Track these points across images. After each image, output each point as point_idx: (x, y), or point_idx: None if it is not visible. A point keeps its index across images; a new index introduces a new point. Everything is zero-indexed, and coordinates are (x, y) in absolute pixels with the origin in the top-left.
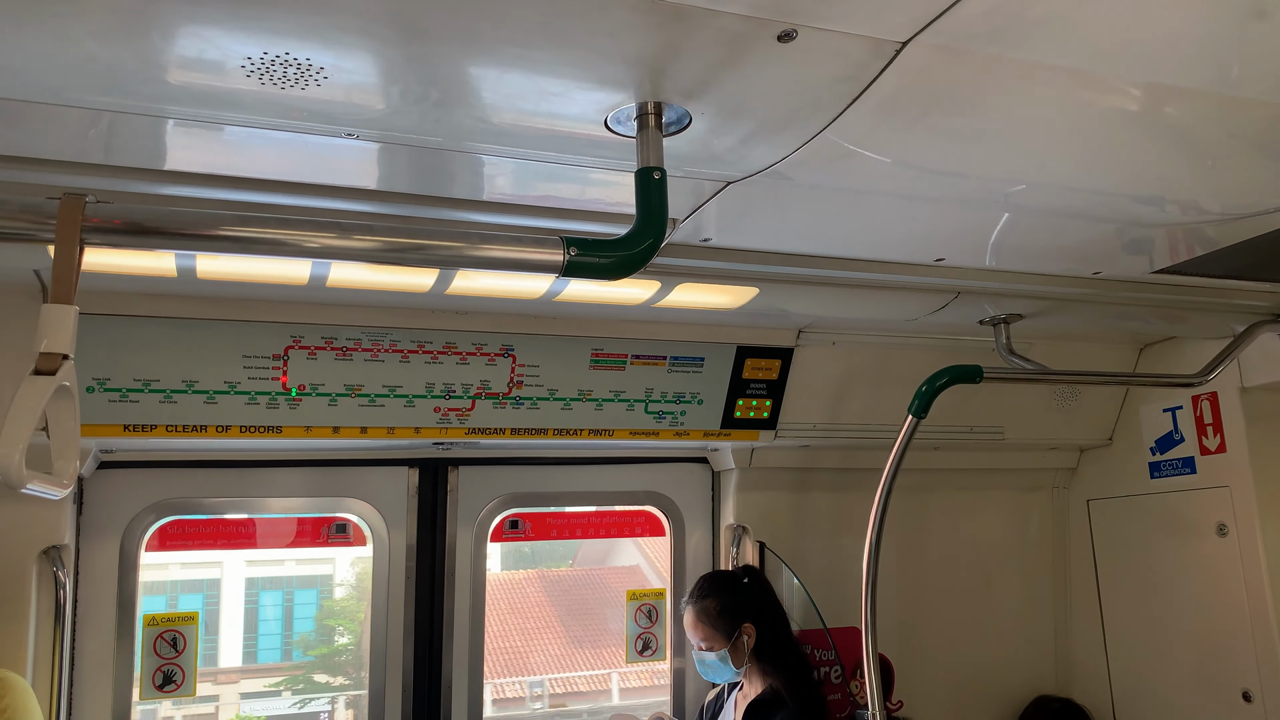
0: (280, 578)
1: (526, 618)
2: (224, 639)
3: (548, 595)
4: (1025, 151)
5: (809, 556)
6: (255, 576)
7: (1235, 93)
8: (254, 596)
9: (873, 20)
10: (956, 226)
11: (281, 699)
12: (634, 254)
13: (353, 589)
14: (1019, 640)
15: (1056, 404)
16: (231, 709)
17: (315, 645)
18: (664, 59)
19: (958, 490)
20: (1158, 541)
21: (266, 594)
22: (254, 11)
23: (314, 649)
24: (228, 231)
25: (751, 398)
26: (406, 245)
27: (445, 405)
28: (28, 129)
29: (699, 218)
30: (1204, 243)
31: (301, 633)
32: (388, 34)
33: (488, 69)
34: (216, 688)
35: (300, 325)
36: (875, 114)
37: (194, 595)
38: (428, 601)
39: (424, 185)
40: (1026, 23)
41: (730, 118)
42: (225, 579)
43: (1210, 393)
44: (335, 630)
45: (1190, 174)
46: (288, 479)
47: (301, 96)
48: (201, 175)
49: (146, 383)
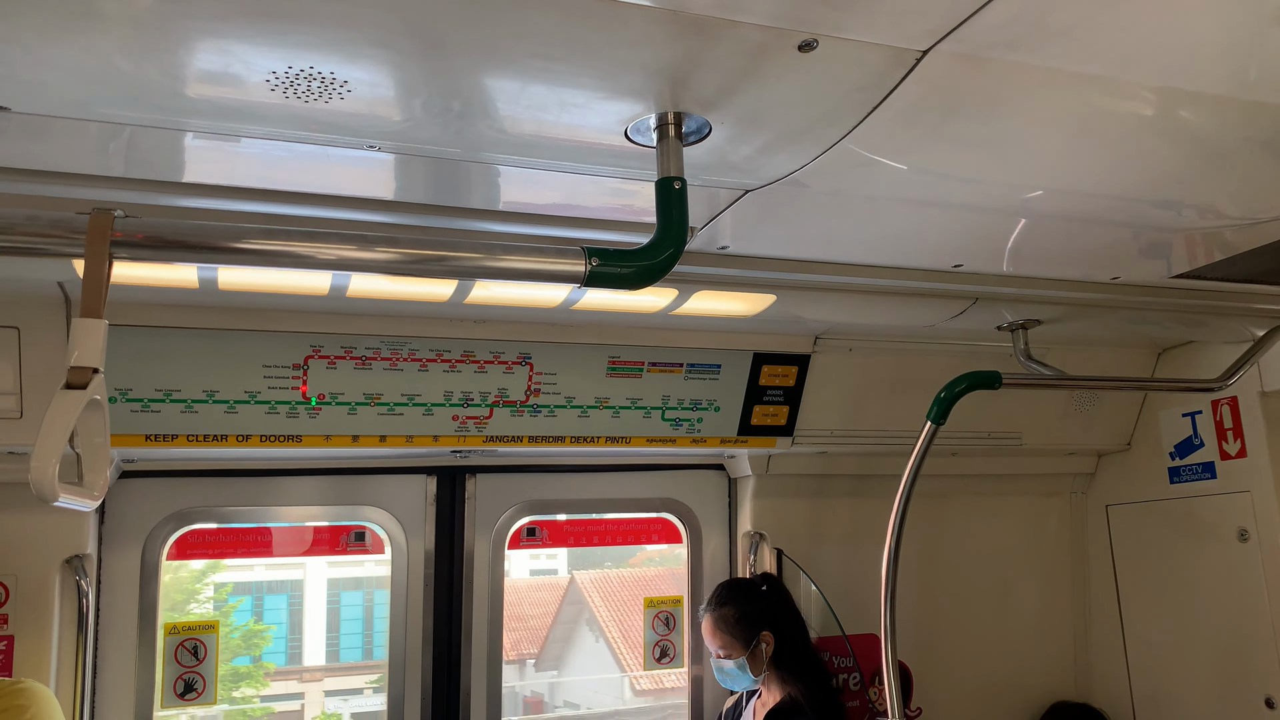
0: (360, 578)
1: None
2: (307, 639)
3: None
4: (1043, 157)
5: (827, 563)
6: (337, 578)
7: (1253, 97)
8: (335, 597)
9: (893, 29)
10: (974, 233)
11: (364, 697)
12: (655, 264)
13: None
14: (1038, 646)
15: (1075, 409)
16: (316, 707)
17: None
18: (685, 69)
19: (976, 496)
20: (1178, 547)
21: (347, 594)
22: (279, 26)
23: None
24: (253, 245)
25: (769, 404)
26: (428, 257)
27: (463, 413)
28: (52, 143)
29: (716, 226)
30: (1223, 247)
31: (382, 631)
32: (410, 47)
33: (509, 80)
34: (301, 685)
35: (320, 335)
36: (894, 122)
37: (278, 595)
38: (446, 608)
39: (444, 196)
40: (1047, 30)
41: (750, 127)
42: (308, 580)
43: (1230, 397)
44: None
45: (1208, 179)
46: (307, 487)
47: (325, 110)
48: (223, 188)
49: (168, 393)
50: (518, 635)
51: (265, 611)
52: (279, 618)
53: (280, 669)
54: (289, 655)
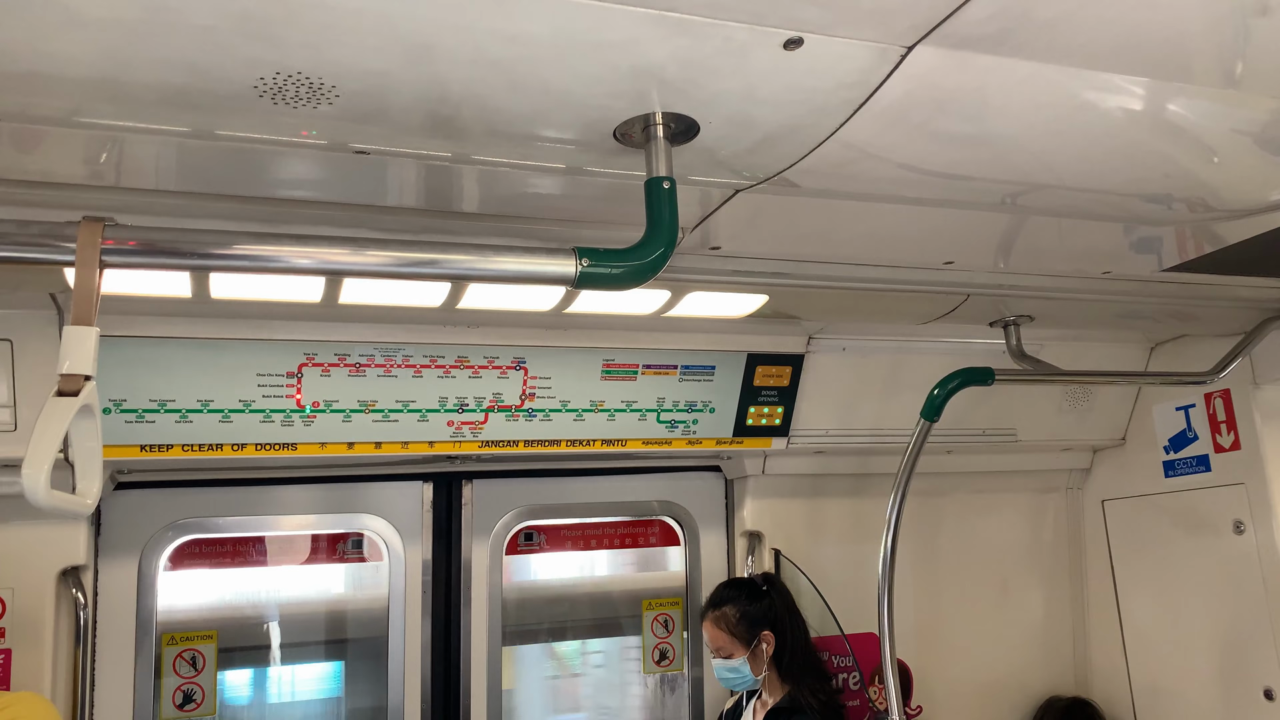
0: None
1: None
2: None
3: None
4: (1031, 153)
5: (825, 563)
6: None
7: (1240, 89)
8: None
9: (878, 26)
10: (964, 229)
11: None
12: (645, 263)
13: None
14: (1037, 642)
15: (1068, 404)
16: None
17: None
18: (671, 70)
19: (972, 493)
20: (1175, 541)
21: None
22: (266, 32)
23: None
24: (243, 250)
25: (763, 405)
26: (419, 260)
27: (459, 419)
28: (39, 151)
29: (708, 226)
30: (1212, 240)
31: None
32: (399, 51)
33: (497, 83)
34: None
35: (313, 343)
36: (882, 119)
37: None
38: (443, 615)
39: (434, 198)
40: (1031, 24)
41: (738, 126)
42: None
43: (1223, 390)
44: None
45: (1197, 171)
46: (303, 495)
47: (313, 115)
48: (211, 195)
49: (162, 403)
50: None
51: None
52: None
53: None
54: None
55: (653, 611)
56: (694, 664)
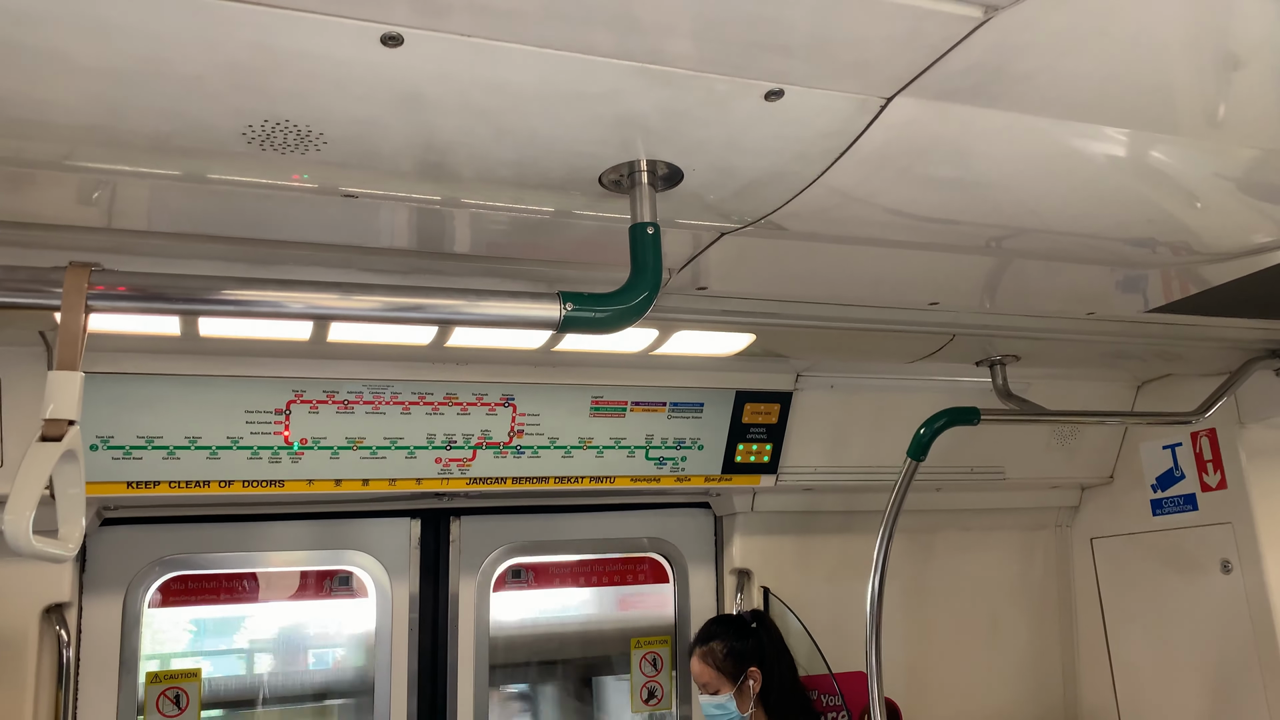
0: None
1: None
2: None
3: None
4: (1014, 199)
5: (813, 600)
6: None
7: (1219, 137)
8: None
9: (857, 78)
10: (950, 271)
11: None
12: (629, 307)
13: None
14: (1026, 680)
15: (1056, 443)
16: None
17: None
18: (655, 120)
19: (961, 531)
20: (1163, 579)
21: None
22: (254, 82)
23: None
24: (230, 295)
25: (752, 442)
26: (406, 305)
27: (447, 456)
28: (31, 193)
29: (695, 266)
30: (1197, 281)
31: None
32: (386, 99)
33: (484, 131)
34: None
35: (302, 380)
36: (865, 165)
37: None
38: (430, 652)
39: (423, 240)
40: (1008, 77)
41: (722, 173)
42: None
43: (1209, 429)
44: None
45: (1180, 216)
46: (290, 532)
47: (301, 160)
48: (200, 236)
49: (149, 440)
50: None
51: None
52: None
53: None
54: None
55: (641, 650)
56: (682, 702)
